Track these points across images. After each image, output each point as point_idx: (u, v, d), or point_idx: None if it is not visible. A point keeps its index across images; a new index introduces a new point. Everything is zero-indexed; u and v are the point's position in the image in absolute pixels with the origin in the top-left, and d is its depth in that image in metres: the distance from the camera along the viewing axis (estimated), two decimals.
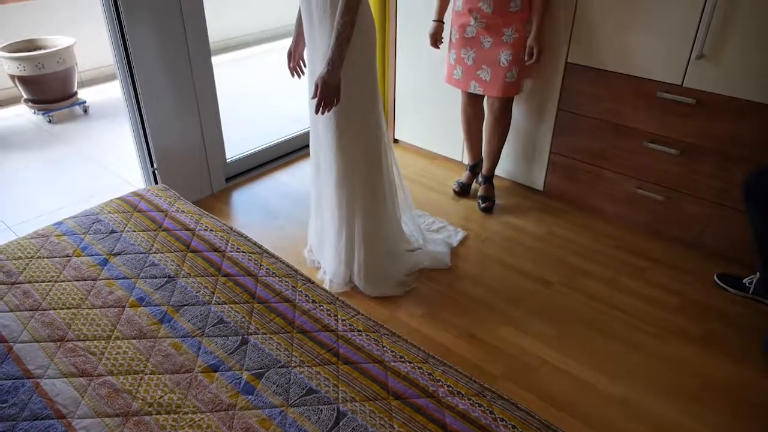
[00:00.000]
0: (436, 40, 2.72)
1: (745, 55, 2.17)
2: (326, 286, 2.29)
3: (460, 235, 2.68)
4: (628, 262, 2.54)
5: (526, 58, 2.53)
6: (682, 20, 2.26)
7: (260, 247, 1.80)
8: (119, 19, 2.41)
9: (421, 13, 3.05)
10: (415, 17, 3.11)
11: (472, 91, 2.70)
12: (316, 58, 2.01)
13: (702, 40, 2.23)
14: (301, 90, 2.35)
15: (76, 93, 4.29)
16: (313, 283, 1.66)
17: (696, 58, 2.27)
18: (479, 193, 2.95)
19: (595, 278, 2.44)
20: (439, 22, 2.70)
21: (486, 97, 2.74)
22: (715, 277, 2.41)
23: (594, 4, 2.46)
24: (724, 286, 2.38)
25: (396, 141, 3.58)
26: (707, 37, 2.22)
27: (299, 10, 2.09)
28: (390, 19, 3.27)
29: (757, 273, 2.28)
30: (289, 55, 2.27)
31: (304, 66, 2.25)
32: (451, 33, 2.67)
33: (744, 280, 2.34)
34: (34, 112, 4.17)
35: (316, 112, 1.94)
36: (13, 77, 4.06)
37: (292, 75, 2.30)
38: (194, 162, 2.92)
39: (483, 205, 2.90)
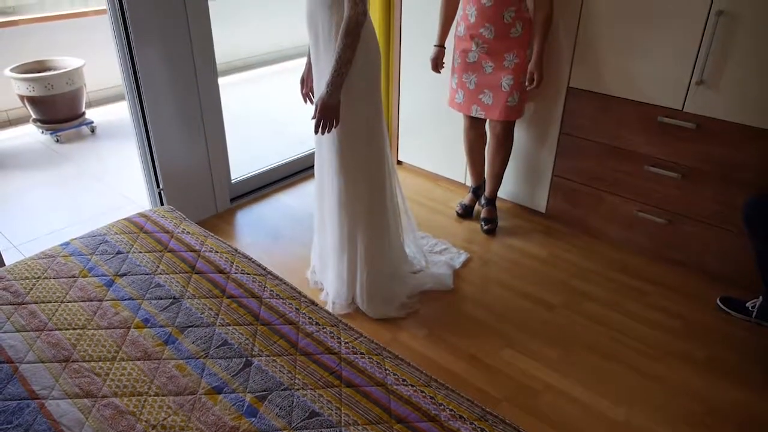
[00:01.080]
0: (437, 64, 2.76)
1: (744, 81, 2.20)
2: (329, 307, 2.30)
3: (463, 257, 2.69)
4: (631, 285, 2.55)
5: (526, 84, 2.57)
6: (682, 47, 2.30)
7: (264, 268, 1.82)
8: (129, 41, 2.46)
9: (424, 37, 3.10)
10: (418, 41, 3.15)
11: (473, 114, 2.73)
12: (322, 81, 2.05)
13: (702, 66, 2.27)
14: (306, 112, 2.38)
15: (83, 113, 4.35)
16: (316, 305, 1.67)
17: (696, 83, 2.31)
18: (482, 215, 2.97)
19: (598, 301, 2.44)
20: (441, 47, 2.74)
21: (488, 121, 2.78)
22: (718, 301, 2.41)
23: (595, 29, 2.50)
24: (726, 309, 2.38)
25: (399, 162, 3.61)
26: (707, 63, 2.25)
27: None
28: (394, 42, 3.32)
29: (760, 297, 2.28)
30: (302, 82, 2.32)
31: None
32: (453, 58, 2.71)
33: (747, 304, 2.34)
34: (42, 132, 4.23)
35: (315, 132, 1.98)
36: (22, 97, 4.12)
37: (305, 101, 2.34)
38: (200, 182, 2.95)
39: (486, 227, 2.91)
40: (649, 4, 2.32)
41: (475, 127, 2.85)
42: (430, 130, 3.33)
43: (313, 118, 1.97)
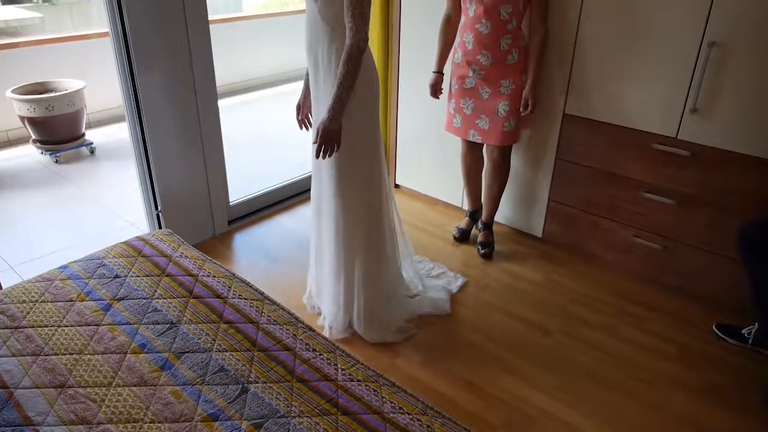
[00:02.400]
0: (435, 90, 2.80)
1: (737, 110, 2.24)
2: (326, 332, 2.30)
3: (460, 281, 2.70)
4: (627, 310, 2.55)
5: (521, 110, 2.60)
6: (676, 75, 2.34)
7: (262, 293, 1.82)
8: (130, 63, 2.49)
9: (422, 62, 3.14)
10: (416, 66, 3.20)
11: (471, 139, 2.76)
12: (321, 107, 2.07)
13: (695, 94, 2.30)
14: (304, 134, 2.41)
15: (83, 134, 4.38)
16: (313, 331, 1.68)
17: (690, 112, 2.34)
18: (479, 239, 2.99)
19: (594, 327, 2.45)
20: (439, 73, 2.78)
21: (485, 145, 2.81)
22: (714, 327, 2.42)
23: (590, 57, 2.55)
24: (722, 335, 2.38)
25: (397, 186, 3.63)
26: (700, 92, 2.29)
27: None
28: (392, 67, 3.37)
29: (756, 323, 2.29)
30: (298, 108, 2.35)
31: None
32: (450, 83, 2.75)
33: (743, 330, 2.34)
34: (42, 152, 4.25)
35: (317, 156, 1.99)
36: (22, 118, 4.15)
37: (300, 127, 2.37)
38: (198, 204, 2.96)
39: (482, 251, 2.93)
40: (643, 33, 2.37)
41: (472, 151, 2.88)
42: (427, 153, 3.36)
43: (314, 142, 1.99)
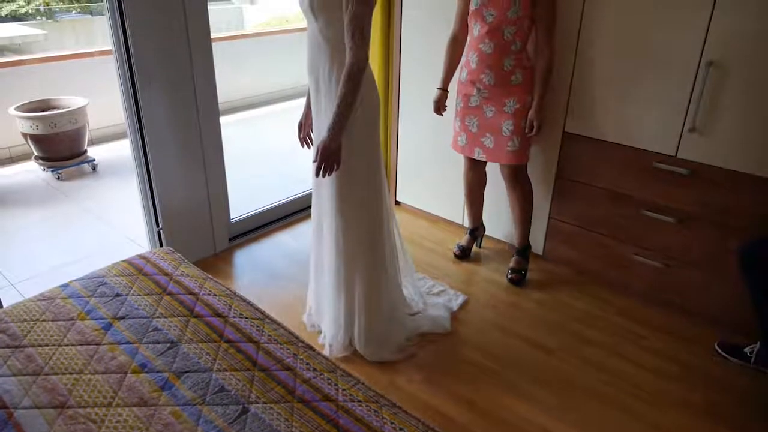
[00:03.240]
0: (439, 107, 2.81)
1: (735, 129, 2.25)
2: (326, 350, 2.29)
3: (461, 299, 2.69)
4: (629, 329, 2.55)
5: (527, 131, 2.59)
6: (675, 94, 2.36)
7: (262, 312, 1.82)
8: (133, 81, 2.51)
9: (423, 79, 3.17)
10: (417, 83, 3.23)
11: (476, 157, 2.75)
12: (322, 125, 2.08)
13: (694, 113, 2.32)
14: (304, 151, 2.43)
15: (85, 151, 4.40)
16: (314, 350, 1.67)
17: (689, 130, 2.36)
18: (510, 264, 2.91)
19: (596, 345, 2.44)
20: (443, 90, 2.80)
21: (499, 166, 2.76)
22: (716, 346, 2.41)
23: (589, 76, 2.57)
24: (724, 354, 2.37)
25: (398, 203, 3.64)
26: (698, 111, 2.31)
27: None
28: (393, 84, 3.40)
29: (758, 342, 2.28)
30: (300, 126, 2.36)
31: None
32: (456, 101, 2.76)
33: (745, 349, 2.33)
34: (44, 169, 4.27)
35: (317, 175, 2.00)
36: (25, 135, 4.18)
37: (302, 145, 2.38)
38: (199, 222, 2.97)
39: (509, 276, 2.86)
40: (642, 52, 2.39)
41: (474, 169, 2.88)
42: (428, 171, 3.38)
43: (314, 161, 2.00)
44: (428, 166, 3.36)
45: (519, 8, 2.41)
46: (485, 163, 2.85)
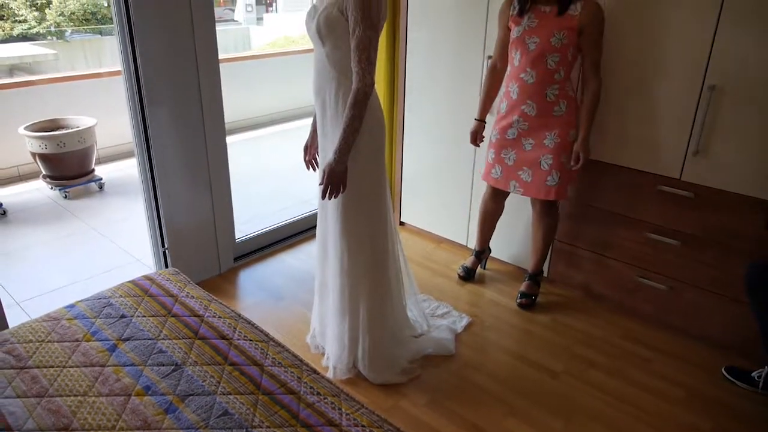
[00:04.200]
0: (475, 138, 2.76)
1: (739, 152, 2.26)
2: (330, 373, 2.28)
3: (465, 320, 2.69)
4: (634, 352, 2.53)
5: (572, 163, 2.49)
6: (678, 117, 2.37)
7: (267, 334, 1.82)
8: (141, 101, 2.54)
9: (427, 100, 3.21)
10: (421, 104, 3.26)
11: (511, 191, 2.66)
12: (328, 148, 2.10)
13: (697, 137, 2.33)
14: (308, 171, 2.44)
15: (93, 170, 4.44)
16: (318, 373, 1.67)
17: (693, 154, 2.37)
18: (521, 288, 2.89)
19: (602, 369, 2.42)
20: (481, 121, 2.74)
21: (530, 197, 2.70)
22: (723, 370, 2.39)
23: None
24: (732, 379, 2.35)
25: (402, 224, 3.65)
26: (702, 134, 2.32)
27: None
28: (398, 104, 3.43)
29: (766, 366, 2.26)
30: (305, 149, 2.38)
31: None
32: (492, 133, 2.67)
33: (753, 374, 2.31)
34: (51, 188, 4.31)
35: (323, 198, 2.01)
36: (34, 154, 4.22)
37: (308, 168, 2.40)
38: (205, 242, 2.98)
39: (519, 300, 2.84)
40: (645, 75, 2.41)
41: (495, 199, 2.81)
42: (432, 191, 3.39)
43: (320, 184, 2.02)
44: (432, 186, 3.37)
45: (563, 36, 2.33)
46: (507, 194, 2.79)
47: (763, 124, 2.18)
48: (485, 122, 2.76)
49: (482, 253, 3.07)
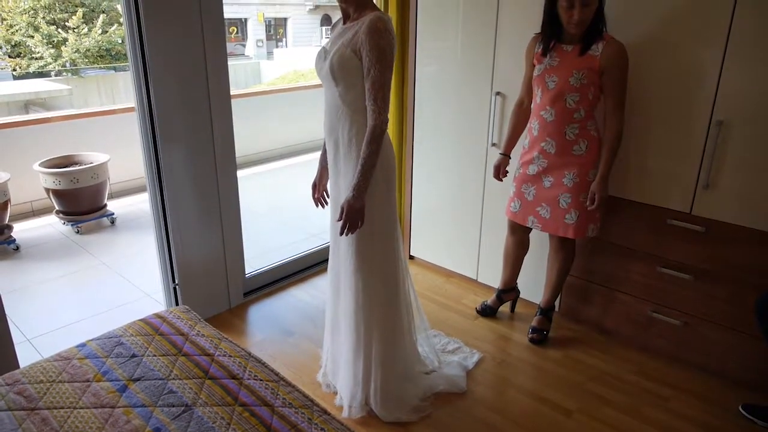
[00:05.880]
0: (498, 172, 2.74)
1: (748, 186, 2.26)
2: (344, 412, 2.25)
3: (476, 356, 2.66)
4: (649, 389, 2.49)
5: (588, 203, 2.46)
6: (687, 152, 2.38)
7: (277, 374, 1.81)
8: (154, 137, 2.57)
9: (437, 136, 3.24)
10: (430, 138, 3.29)
11: (530, 226, 2.65)
12: (341, 185, 2.12)
13: (707, 171, 2.33)
14: (318, 208, 2.45)
15: (105, 205, 4.49)
16: (329, 414, 1.65)
17: (703, 188, 2.36)
18: (532, 323, 2.87)
19: (616, 407, 2.38)
20: (505, 156, 2.73)
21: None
22: (741, 408, 2.34)
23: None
24: (751, 417, 2.30)
25: (412, 258, 3.64)
26: (711, 168, 2.32)
27: (323, 145, 2.23)
28: (407, 138, 3.46)
29: None
30: (314, 186, 2.40)
31: (327, 197, 2.37)
32: (516, 167, 2.68)
33: None
34: (64, 223, 4.35)
35: (341, 233, 2.02)
36: (47, 190, 4.28)
37: (317, 205, 2.42)
38: (215, 277, 2.99)
39: (530, 336, 2.82)
40: (653, 110, 2.43)
41: (514, 234, 2.80)
42: (441, 225, 3.39)
43: (338, 220, 2.03)
44: (442, 220, 3.38)
45: (583, 75, 2.32)
46: (529, 229, 2.77)
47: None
48: (509, 157, 2.74)
49: (506, 293, 3.00)
